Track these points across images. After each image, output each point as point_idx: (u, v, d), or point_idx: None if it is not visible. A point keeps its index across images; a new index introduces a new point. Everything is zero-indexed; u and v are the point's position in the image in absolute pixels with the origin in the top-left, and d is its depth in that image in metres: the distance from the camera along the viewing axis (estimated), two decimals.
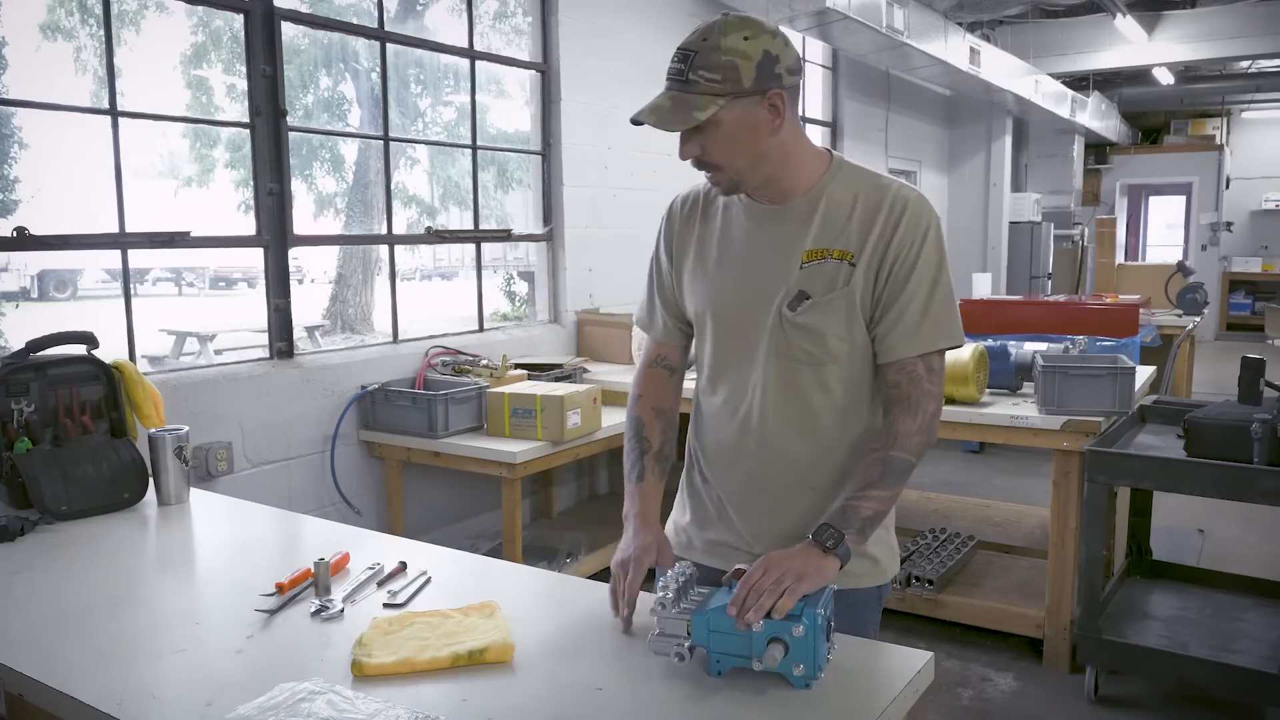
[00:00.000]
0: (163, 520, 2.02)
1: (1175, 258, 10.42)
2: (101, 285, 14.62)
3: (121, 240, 3.05)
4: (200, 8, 3.43)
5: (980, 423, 3.26)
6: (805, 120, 7.60)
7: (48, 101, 2.96)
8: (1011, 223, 10.47)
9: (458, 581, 1.61)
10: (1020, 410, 3.23)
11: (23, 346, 2.10)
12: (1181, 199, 14.35)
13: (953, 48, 7.15)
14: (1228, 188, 13.51)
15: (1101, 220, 12.03)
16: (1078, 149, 12.00)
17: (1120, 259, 12.85)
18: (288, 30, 3.51)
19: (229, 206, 8.22)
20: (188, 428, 2.14)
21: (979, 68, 7.64)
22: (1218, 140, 13.66)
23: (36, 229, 2.83)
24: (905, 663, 1.29)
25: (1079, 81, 10.54)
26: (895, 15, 6.12)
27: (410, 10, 7.56)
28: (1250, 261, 13.53)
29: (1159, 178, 14.15)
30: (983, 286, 7.95)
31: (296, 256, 3.70)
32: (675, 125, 1.36)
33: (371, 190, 9.14)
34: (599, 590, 1.59)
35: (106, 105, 3.03)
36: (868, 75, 8.21)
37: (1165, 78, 10.65)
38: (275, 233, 3.48)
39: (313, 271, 14.09)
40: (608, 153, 4.85)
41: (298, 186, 6.94)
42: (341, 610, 1.47)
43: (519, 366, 3.90)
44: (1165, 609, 3.28)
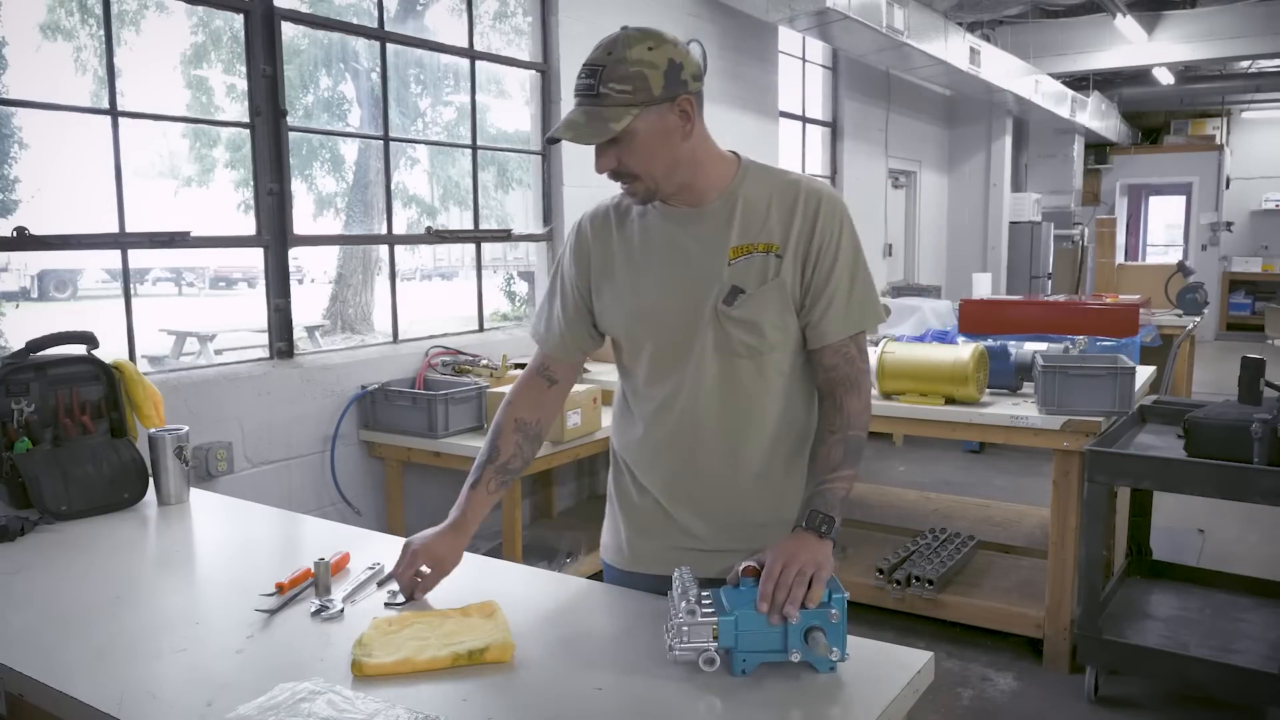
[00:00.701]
0: (163, 520, 2.02)
1: (1175, 258, 10.43)
2: (101, 285, 14.62)
3: (121, 240, 3.05)
4: (200, 8, 3.43)
5: (980, 423, 3.26)
6: (805, 120, 7.61)
7: (48, 101, 2.96)
8: (1011, 223, 10.47)
9: (458, 581, 1.61)
10: (1020, 410, 3.23)
11: (23, 346, 2.10)
12: (1181, 199, 14.36)
13: (953, 48, 7.15)
14: (1228, 188, 13.51)
15: (1101, 220, 12.04)
16: (1078, 149, 12.01)
17: (1120, 259, 12.86)
18: (288, 30, 3.51)
19: (229, 206, 8.23)
20: (188, 428, 2.14)
21: (979, 68, 7.64)
22: (1218, 140, 13.66)
23: (36, 229, 2.83)
24: (905, 663, 1.29)
25: (1079, 81, 10.54)
26: (895, 15, 6.13)
27: (410, 10, 7.57)
28: (1250, 261, 13.53)
29: (1159, 178, 14.16)
30: (983, 286, 7.95)
31: (296, 256, 3.71)
32: (592, 138, 1.39)
33: (371, 190, 9.14)
34: (599, 590, 1.60)
35: (106, 105, 3.03)
36: (868, 75, 8.21)
37: (1165, 78, 10.65)
38: (275, 233, 3.48)
39: (313, 271, 14.11)
40: None
41: (298, 186, 6.94)
42: (341, 610, 1.47)
43: (519, 366, 3.90)
44: (1165, 609, 3.28)
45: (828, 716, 1.18)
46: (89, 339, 2.17)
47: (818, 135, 7.94)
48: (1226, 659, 2.84)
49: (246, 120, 3.44)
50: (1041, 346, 3.74)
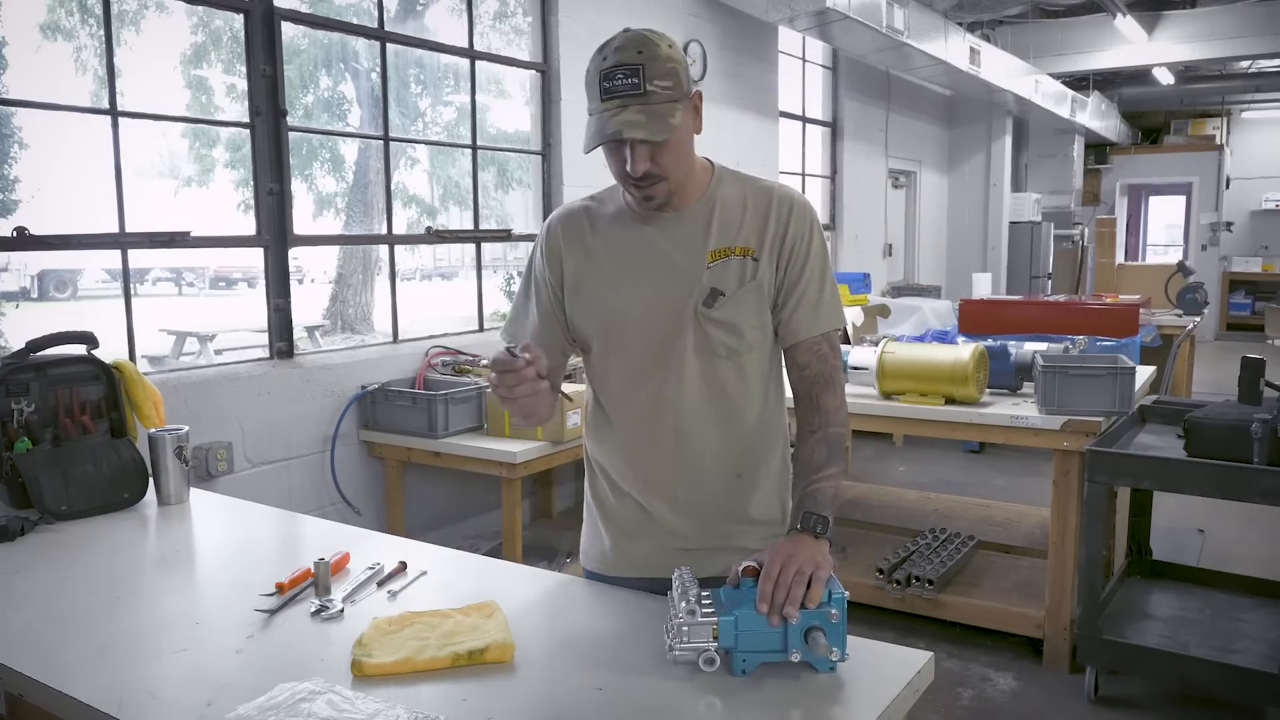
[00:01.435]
0: (163, 520, 2.02)
1: (1175, 258, 10.42)
2: (101, 285, 14.61)
3: (121, 240, 3.06)
4: (200, 8, 3.43)
5: (980, 423, 3.26)
6: (805, 120, 7.61)
7: (48, 101, 2.96)
8: (1011, 223, 10.47)
9: (457, 581, 1.61)
10: (1020, 410, 3.23)
11: (23, 346, 2.10)
12: (1181, 199, 14.36)
13: (953, 48, 7.15)
14: (1228, 188, 13.51)
15: (1101, 220, 12.05)
16: (1078, 149, 12.01)
17: (1120, 259, 12.87)
18: (288, 30, 3.51)
19: (229, 206, 8.21)
20: (188, 428, 2.14)
21: (979, 68, 7.64)
22: (1218, 140, 13.65)
23: (37, 229, 2.83)
24: (905, 663, 1.29)
25: (1079, 81, 10.54)
26: (895, 15, 6.13)
27: (410, 10, 7.56)
28: (1250, 261, 13.53)
29: (1159, 178, 14.16)
30: (983, 286, 7.95)
31: (296, 256, 3.70)
32: (660, 135, 1.36)
33: (371, 190, 9.13)
34: (599, 590, 1.60)
35: (106, 105, 3.03)
36: (868, 75, 8.21)
37: (1165, 78, 10.65)
38: (275, 232, 3.48)
39: (313, 271, 14.08)
40: None
41: (298, 186, 6.94)
42: (341, 610, 1.47)
43: None
44: (1165, 609, 3.28)
45: (828, 716, 1.18)
46: (89, 339, 2.18)
47: (818, 135, 7.95)
48: (1226, 659, 2.84)
49: (246, 120, 3.44)
50: (1041, 346, 3.74)
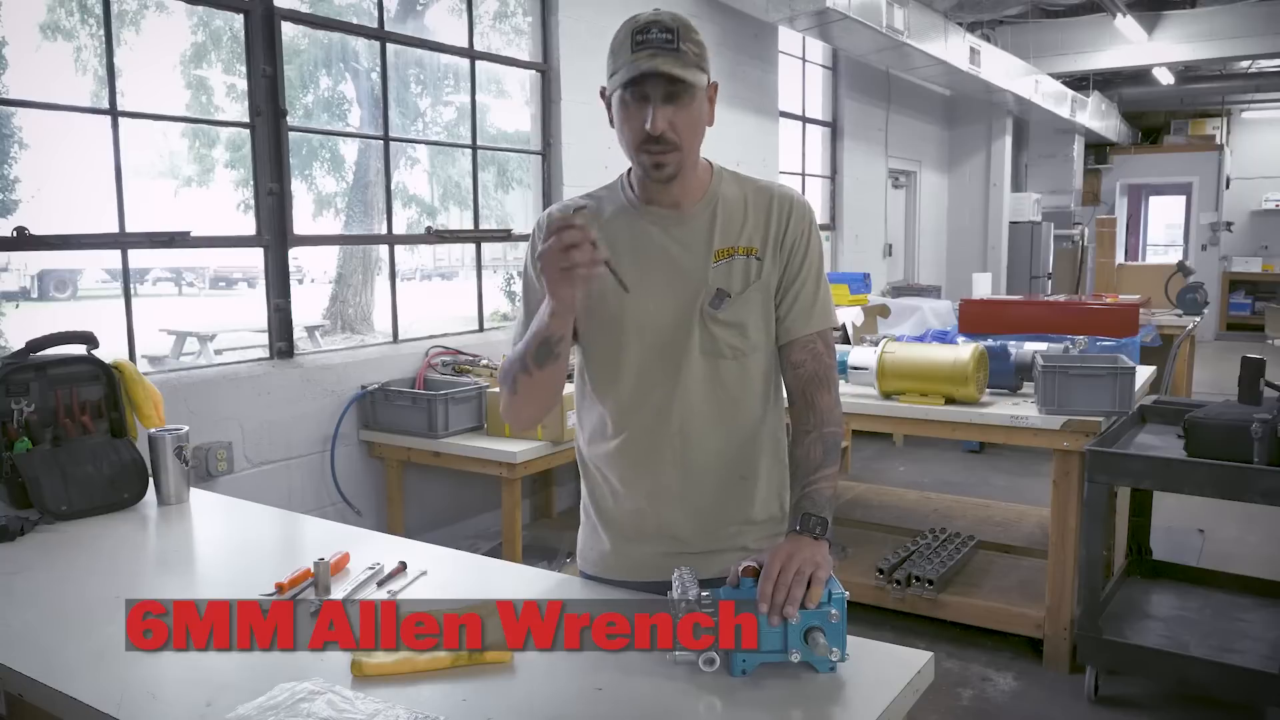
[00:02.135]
0: (163, 520, 2.02)
1: (1175, 258, 10.42)
2: (101, 285, 14.60)
3: (121, 240, 3.06)
4: (200, 8, 3.43)
5: (980, 423, 3.26)
6: (805, 120, 7.61)
7: (48, 101, 2.97)
8: (1011, 223, 10.47)
9: (457, 581, 1.61)
10: (1020, 410, 3.23)
11: (23, 346, 2.10)
12: (1181, 199, 14.36)
13: (953, 48, 7.15)
14: (1228, 188, 13.51)
15: (1101, 220, 12.04)
16: (1078, 149, 12.01)
17: (1120, 259, 12.87)
18: (288, 30, 3.51)
19: (229, 206, 8.20)
20: (188, 428, 2.14)
21: (979, 68, 7.64)
22: (1218, 140, 13.66)
23: (37, 229, 2.83)
24: (905, 663, 1.29)
25: (1079, 81, 10.54)
26: (895, 15, 6.13)
27: (410, 10, 7.56)
28: (1250, 261, 13.53)
29: (1159, 178, 14.16)
30: (983, 286, 7.95)
31: (296, 256, 3.70)
32: (689, 76, 1.37)
33: (371, 190, 9.13)
34: (599, 590, 1.60)
35: (106, 105, 3.03)
36: (868, 75, 8.21)
37: (1165, 78, 10.66)
38: (275, 232, 3.48)
39: (313, 271, 14.07)
40: (607, 152, 4.79)
41: (298, 186, 6.93)
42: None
43: None
44: (1165, 609, 3.28)
45: (828, 716, 1.18)
46: (89, 339, 2.17)
47: (818, 135, 7.94)
48: (1226, 659, 2.84)
49: (246, 120, 3.44)
50: (1041, 346, 3.74)
